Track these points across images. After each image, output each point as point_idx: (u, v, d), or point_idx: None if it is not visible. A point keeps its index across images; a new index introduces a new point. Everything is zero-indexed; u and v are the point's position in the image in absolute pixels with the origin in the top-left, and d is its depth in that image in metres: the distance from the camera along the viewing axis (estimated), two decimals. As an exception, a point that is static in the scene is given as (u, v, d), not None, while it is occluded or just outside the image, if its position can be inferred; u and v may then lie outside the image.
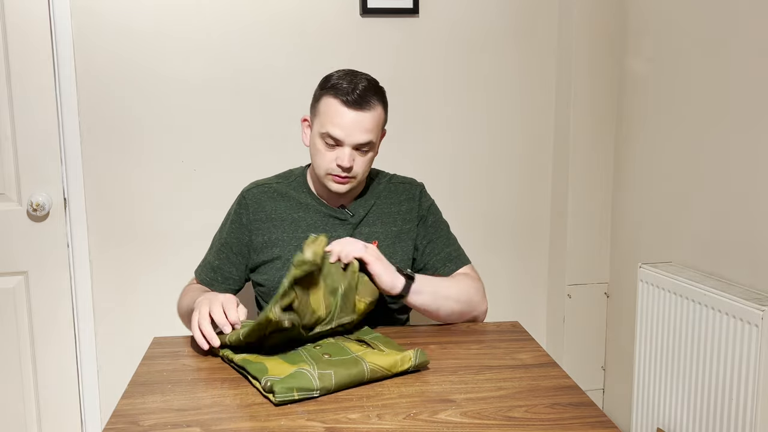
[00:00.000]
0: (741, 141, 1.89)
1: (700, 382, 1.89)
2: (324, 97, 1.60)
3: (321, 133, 1.59)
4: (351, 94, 1.56)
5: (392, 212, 1.74)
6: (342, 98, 1.56)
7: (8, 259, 2.21)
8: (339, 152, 1.58)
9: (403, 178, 1.83)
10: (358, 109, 1.56)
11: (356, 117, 1.56)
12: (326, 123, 1.57)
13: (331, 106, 1.57)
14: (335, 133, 1.56)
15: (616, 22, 2.42)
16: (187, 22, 2.26)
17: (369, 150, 1.62)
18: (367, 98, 1.57)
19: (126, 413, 1.16)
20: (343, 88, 1.57)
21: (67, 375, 2.29)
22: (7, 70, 2.14)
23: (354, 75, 1.61)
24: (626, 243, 2.43)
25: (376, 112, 1.59)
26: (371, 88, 1.60)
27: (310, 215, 1.68)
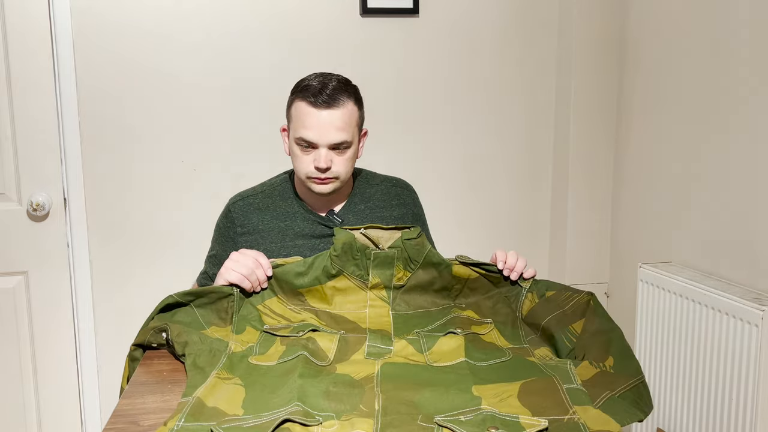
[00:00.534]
0: (741, 141, 1.89)
1: (700, 382, 1.89)
2: (294, 101, 1.59)
3: (295, 138, 1.57)
4: (319, 94, 1.54)
5: (384, 216, 1.72)
6: (310, 99, 1.54)
7: (8, 259, 2.21)
8: (315, 154, 1.56)
9: (396, 180, 1.80)
10: (327, 108, 1.54)
11: (326, 116, 1.54)
12: (298, 127, 1.56)
13: (300, 109, 1.56)
14: (307, 136, 1.55)
15: (616, 22, 2.42)
16: (187, 22, 2.26)
17: (346, 148, 1.59)
18: (335, 96, 1.55)
19: (126, 413, 1.16)
20: (311, 89, 1.55)
21: (67, 375, 2.29)
22: (7, 70, 2.14)
23: (324, 76, 1.60)
24: (626, 243, 2.43)
25: (346, 109, 1.56)
26: (340, 87, 1.58)
27: (298, 223, 1.66)
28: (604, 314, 1.36)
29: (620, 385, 1.16)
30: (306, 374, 1.19)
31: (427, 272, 1.50)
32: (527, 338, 1.40)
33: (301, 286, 1.46)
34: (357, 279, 1.48)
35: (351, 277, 1.48)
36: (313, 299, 1.47)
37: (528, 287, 1.48)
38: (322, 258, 1.48)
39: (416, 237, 1.51)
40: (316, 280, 1.47)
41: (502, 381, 1.18)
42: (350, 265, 1.48)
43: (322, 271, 1.47)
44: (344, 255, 1.47)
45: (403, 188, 1.79)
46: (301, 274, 1.47)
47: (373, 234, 1.52)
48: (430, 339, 1.35)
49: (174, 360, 1.37)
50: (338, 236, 1.49)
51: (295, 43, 2.34)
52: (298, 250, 1.62)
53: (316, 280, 1.47)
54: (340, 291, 1.47)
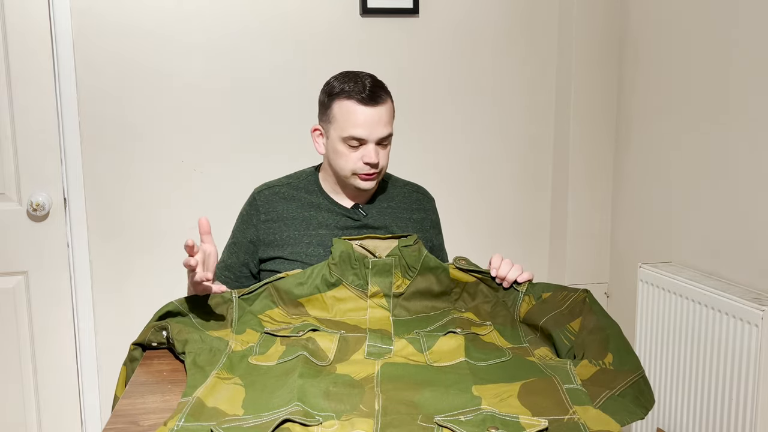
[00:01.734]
0: (741, 141, 1.89)
1: (700, 382, 1.89)
2: (335, 102, 1.61)
3: (343, 137, 1.60)
4: (363, 92, 1.59)
5: (404, 218, 1.75)
6: (357, 97, 1.58)
7: (8, 259, 2.21)
8: (364, 150, 1.60)
9: (418, 187, 1.85)
10: (374, 105, 1.59)
11: (374, 113, 1.59)
12: (346, 126, 1.59)
13: (347, 108, 1.59)
14: (359, 134, 1.58)
15: (616, 22, 2.42)
16: (187, 22, 2.26)
17: (389, 143, 1.65)
18: (378, 92, 1.60)
19: (126, 413, 1.16)
20: (353, 89, 1.59)
21: (67, 375, 2.29)
22: (7, 71, 2.14)
23: (356, 75, 1.64)
24: (626, 243, 2.43)
25: (388, 104, 1.63)
26: (378, 83, 1.63)
27: (322, 214, 1.69)
28: (600, 311, 1.36)
29: (620, 382, 1.16)
30: (306, 374, 1.19)
31: (425, 278, 1.51)
32: (527, 338, 1.40)
33: (300, 295, 1.47)
34: (356, 288, 1.49)
35: (350, 287, 1.48)
36: (313, 308, 1.47)
37: (524, 291, 1.49)
38: (321, 267, 1.49)
39: (413, 244, 1.53)
40: (316, 288, 1.48)
41: (502, 381, 1.18)
42: (349, 274, 1.49)
43: (321, 280, 1.48)
44: (342, 264, 1.49)
45: (423, 195, 1.84)
46: (301, 283, 1.48)
47: (370, 244, 1.54)
48: (430, 338, 1.35)
49: (174, 360, 1.37)
50: (336, 246, 1.51)
51: (295, 43, 2.34)
52: (320, 239, 1.65)
53: (315, 289, 1.48)
54: (340, 300, 1.48)
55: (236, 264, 1.72)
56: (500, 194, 2.56)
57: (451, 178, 2.51)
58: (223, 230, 1.76)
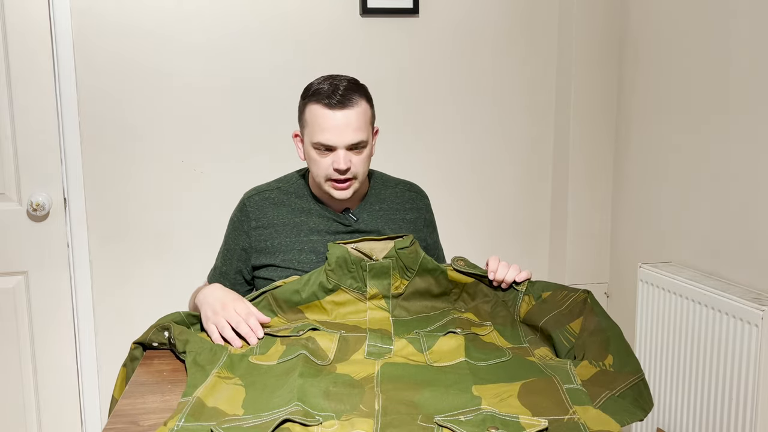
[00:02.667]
0: (741, 141, 1.89)
1: (700, 382, 1.89)
2: (307, 105, 1.58)
3: (312, 142, 1.56)
4: (332, 96, 1.54)
5: (397, 219, 1.72)
6: (324, 101, 1.54)
7: (8, 259, 2.21)
8: (333, 156, 1.55)
9: (410, 185, 1.81)
10: (342, 108, 1.54)
11: (342, 117, 1.54)
12: (315, 132, 1.55)
13: (315, 112, 1.55)
14: (325, 139, 1.54)
15: (616, 22, 2.42)
16: (187, 22, 2.26)
17: (363, 147, 1.59)
18: (348, 96, 1.55)
19: (126, 413, 1.16)
20: (323, 92, 1.55)
21: (67, 375, 2.29)
22: (7, 71, 2.14)
23: (333, 77, 1.60)
24: (626, 243, 2.43)
25: (360, 108, 1.56)
26: (351, 87, 1.58)
27: (312, 219, 1.66)
28: (602, 312, 1.36)
29: (620, 383, 1.16)
30: (306, 374, 1.20)
31: (423, 279, 1.51)
32: (527, 338, 1.40)
33: (299, 302, 1.47)
34: (355, 291, 1.48)
35: (349, 291, 1.48)
36: (312, 314, 1.47)
37: (524, 290, 1.49)
38: (318, 273, 1.49)
39: (409, 245, 1.52)
40: (314, 295, 1.47)
41: (502, 381, 1.18)
42: (346, 278, 1.48)
43: (318, 287, 1.47)
44: (339, 269, 1.48)
45: (417, 193, 1.80)
46: (298, 291, 1.48)
47: (365, 246, 1.53)
48: (430, 338, 1.35)
49: (174, 360, 1.37)
50: (331, 251, 1.50)
51: (295, 43, 2.34)
52: (312, 245, 1.62)
53: (313, 296, 1.47)
54: (339, 304, 1.48)
55: (231, 271, 1.72)
56: (500, 194, 2.55)
57: (451, 178, 2.51)
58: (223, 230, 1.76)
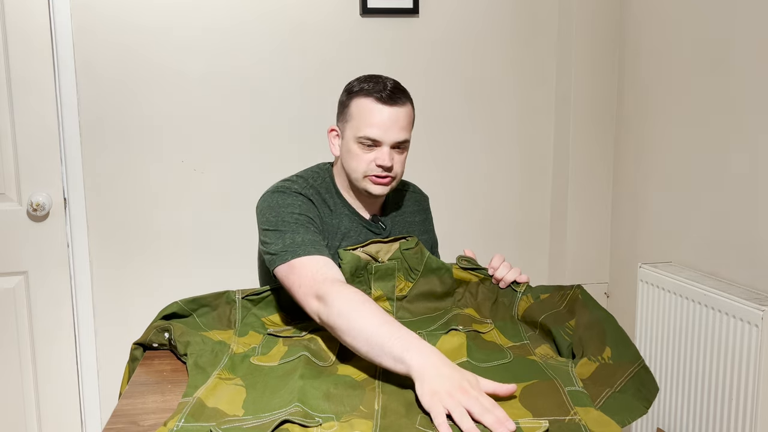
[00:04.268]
0: (741, 141, 1.89)
1: (700, 382, 1.89)
2: (354, 99, 1.55)
3: (357, 137, 1.53)
4: (383, 91, 1.53)
5: (410, 222, 1.73)
6: (375, 95, 1.52)
7: (8, 259, 2.21)
8: (377, 152, 1.53)
9: (414, 186, 1.82)
10: (393, 105, 1.53)
11: (392, 113, 1.52)
12: (362, 125, 1.53)
13: (364, 106, 1.53)
14: (373, 134, 1.52)
15: (615, 22, 2.42)
16: (187, 23, 2.26)
17: (405, 149, 1.58)
18: (398, 94, 1.55)
19: (126, 413, 1.16)
20: (373, 88, 1.54)
21: (67, 375, 2.29)
22: (7, 70, 2.14)
23: (378, 76, 1.59)
24: (626, 243, 2.43)
25: (408, 109, 1.57)
26: (399, 87, 1.58)
27: (344, 224, 1.61)
28: (594, 304, 1.37)
29: (621, 376, 1.16)
30: (307, 375, 1.20)
31: (428, 280, 1.51)
32: (527, 334, 1.40)
33: None
34: None
35: None
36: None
37: (523, 291, 1.50)
38: None
39: (414, 246, 1.53)
40: None
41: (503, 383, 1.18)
42: (355, 283, 1.48)
43: None
44: (351, 277, 1.48)
45: (420, 194, 1.82)
46: None
47: (372, 248, 1.53)
48: (432, 338, 1.35)
49: (174, 360, 1.37)
50: (345, 260, 1.48)
51: (295, 43, 2.34)
52: None
53: None
54: None
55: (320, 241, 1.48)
56: (500, 194, 2.55)
57: (451, 178, 2.51)
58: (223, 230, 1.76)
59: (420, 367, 1.11)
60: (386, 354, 1.16)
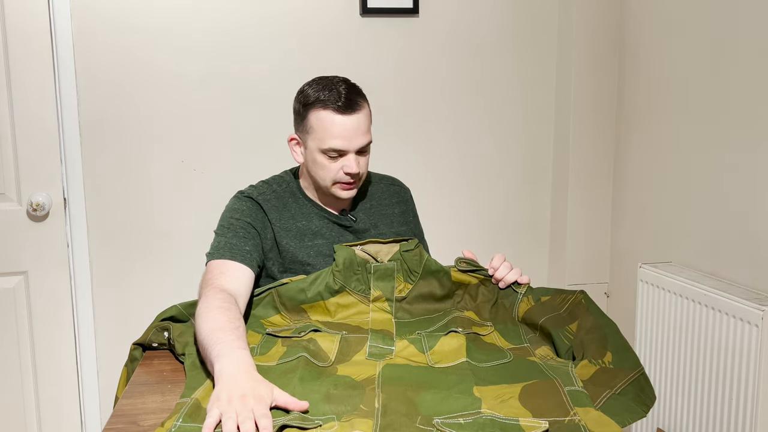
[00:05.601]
0: (741, 141, 1.89)
1: (700, 382, 1.89)
2: (312, 111, 1.55)
3: (322, 149, 1.54)
4: (339, 100, 1.53)
5: (388, 214, 1.73)
6: (332, 107, 1.52)
7: (8, 259, 2.21)
8: (344, 161, 1.55)
9: (392, 179, 1.82)
10: (351, 113, 1.53)
11: (352, 121, 1.53)
12: (325, 137, 1.53)
13: (324, 118, 1.53)
14: (337, 145, 1.53)
15: (615, 22, 2.42)
16: (187, 23, 2.26)
17: (368, 150, 1.61)
18: (354, 99, 1.55)
19: (126, 413, 1.16)
20: (328, 98, 1.53)
21: (67, 375, 2.29)
22: (7, 70, 2.14)
23: (329, 81, 1.58)
24: (626, 243, 2.43)
25: (365, 110, 1.57)
26: (353, 89, 1.57)
27: (314, 222, 1.64)
28: (597, 310, 1.37)
29: (621, 380, 1.17)
30: (306, 377, 1.19)
31: (427, 282, 1.51)
32: (527, 336, 1.40)
33: (303, 301, 1.47)
34: (359, 294, 1.49)
35: (353, 293, 1.49)
36: (315, 314, 1.48)
37: (523, 292, 1.50)
38: (325, 274, 1.49)
39: (414, 248, 1.53)
40: (319, 295, 1.48)
41: (503, 382, 1.18)
42: (352, 280, 1.49)
43: (324, 287, 1.48)
44: (346, 270, 1.49)
45: (400, 186, 1.82)
46: (304, 290, 1.48)
47: (371, 248, 1.54)
48: (431, 338, 1.35)
49: (174, 360, 1.37)
50: (339, 253, 1.50)
51: (295, 43, 2.34)
52: (317, 249, 1.61)
53: (318, 296, 1.48)
54: (344, 306, 1.49)
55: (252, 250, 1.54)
56: (500, 194, 2.55)
57: (451, 178, 2.51)
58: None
59: (219, 372, 1.13)
60: (207, 357, 1.21)
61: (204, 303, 1.34)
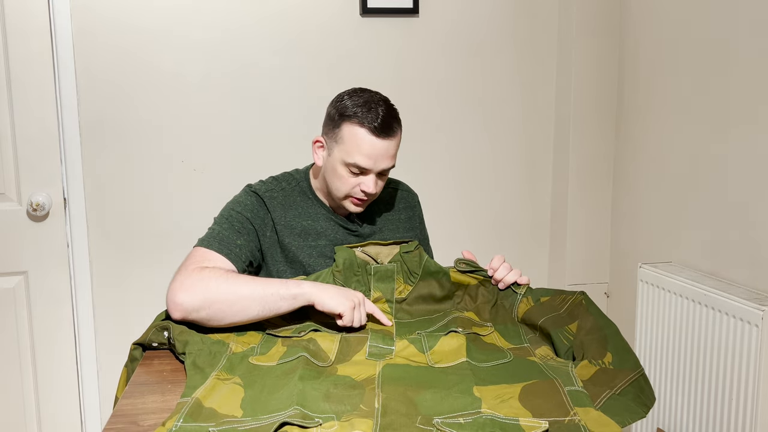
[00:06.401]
0: (741, 141, 1.89)
1: (700, 382, 1.89)
2: (347, 124, 1.54)
3: (346, 162, 1.54)
4: (376, 121, 1.52)
5: (394, 219, 1.73)
6: (369, 126, 1.52)
7: (8, 259, 2.21)
8: (363, 179, 1.55)
9: (400, 183, 1.82)
10: (385, 138, 1.53)
11: (383, 145, 1.53)
12: (353, 152, 1.53)
13: (357, 134, 1.53)
14: (363, 163, 1.53)
15: (615, 22, 2.42)
16: (187, 23, 2.26)
17: (388, 172, 1.61)
18: (391, 124, 1.54)
19: (126, 413, 1.16)
20: (366, 116, 1.52)
21: (67, 375, 2.29)
22: (7, 71, 2.14)
23: (370, 98, 1.57)
24: (626, 243, 2.43)
25: (398, 137, 1.57)
26: (391, 113, 1.56)
27: (320, 224, 1.64)
28: (597, 311, 1.37)
29: (620, 381, 1.17)
30: (306, 377, 1.19)
31: (427, 283, 1.52)
32: (527, 336, 1.40)
33: None
34: None
35: None
36: (314, 314, 1.47)
37: (523, 293, 1.50)
38: (325, 275, 1.49)
39: (414, 250, 1.54)
40: None
41: (503, 382, 1.18)
42: (352, 281, 1.49)
43: None
44: (346, 271, 1.49)
45: (407, 191, 1.81)
46: None
47: (372, 250, 1.54)
48: (431, 338, 1.35)
49: (174, 360, 1.37)
50: (339, 254, 1.51)
51: (295, 43, 2.34)
52: (320, 250, 1.61)
53: None
54: None
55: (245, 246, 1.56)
56: (500, 194, 2.55)
57: (451, 178, 2.51)
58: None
59: (318, 291, 1.39)
60: (282, 298, 1.38)
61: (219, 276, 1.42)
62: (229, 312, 1.38)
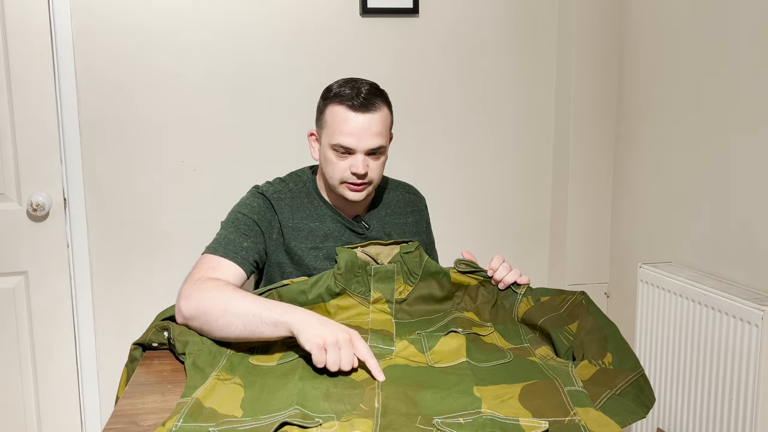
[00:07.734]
0: (741, 141, 1.89)
1: (700, 382, 1.89)
2: (329, 106, 1.56)
3: (331, 144, 1.55)
4: (356, 98, 1.53)
5: (401, 223, 1.73)
6: (347, 103, 1.53)
7: (8, 259, 2.21)
8: (352, 160, 1.55)
9: (409, 187, 1.82)
10: (365, 112, 1.53)
11: (364, 121, 1.53)
12: (335, 133, 1.54)
13: (337, 114, 1.54)
14: (345, 142, 1.53)
15: (615, 22, 2.42)
16: (187, 23, 2.26)
17: (381, 154, 1.59)
18: (371, 100, 1.55)
19: (126, 413, 1.16)
20: (346, 94, 1.54)
21: (67, 375, 2.29)
22: (7, 71, 2.14)
23: (355, 80, 1.59)
24: (626, 243, 2.43)
25: (383, 114, 1.56)
26: (374, 91, 1.57)
27: (327, 225, 1.64)
28: (597, 311, 1.37)
29: (620, 381, 1.17)
30: (306, 376, 1.20)
31: (427, 284, 1.52)
32: (527, 336, 1.41)
33: (304, 303, 1.47)
34: (359, 296, 1.50)
35: (353, 295, 1.49)
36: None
37: (523, 293, 1.50)
38: (326, 277, 1.49)
39: (414, 250, 1.54)
40: (319, 297, 1.48)
41: (503, 382, 1.18)
42: (353, 282, 1.49)
43: (325, 290, 1.48)
44: (348, 273, 1.49)
45: (415, 195, 1.81)
46: (304, 291, 1.48)
47: (372, 250, 1.54)
48: (431, 339, 1.35)
49: (174, 360, 1.37)
50: (341, 255, 1.50)
51: (295, 42, 2.34)
52: (327, 252, 1.62)
53: (319, 298, 1.48)
54: (344, 308, 1.49)
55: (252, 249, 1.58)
56: (500, 194, 2.56)
57: (451, 178, 2.51)
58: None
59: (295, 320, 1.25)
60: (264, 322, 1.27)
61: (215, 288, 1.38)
62: (215, 325, 1.33)
